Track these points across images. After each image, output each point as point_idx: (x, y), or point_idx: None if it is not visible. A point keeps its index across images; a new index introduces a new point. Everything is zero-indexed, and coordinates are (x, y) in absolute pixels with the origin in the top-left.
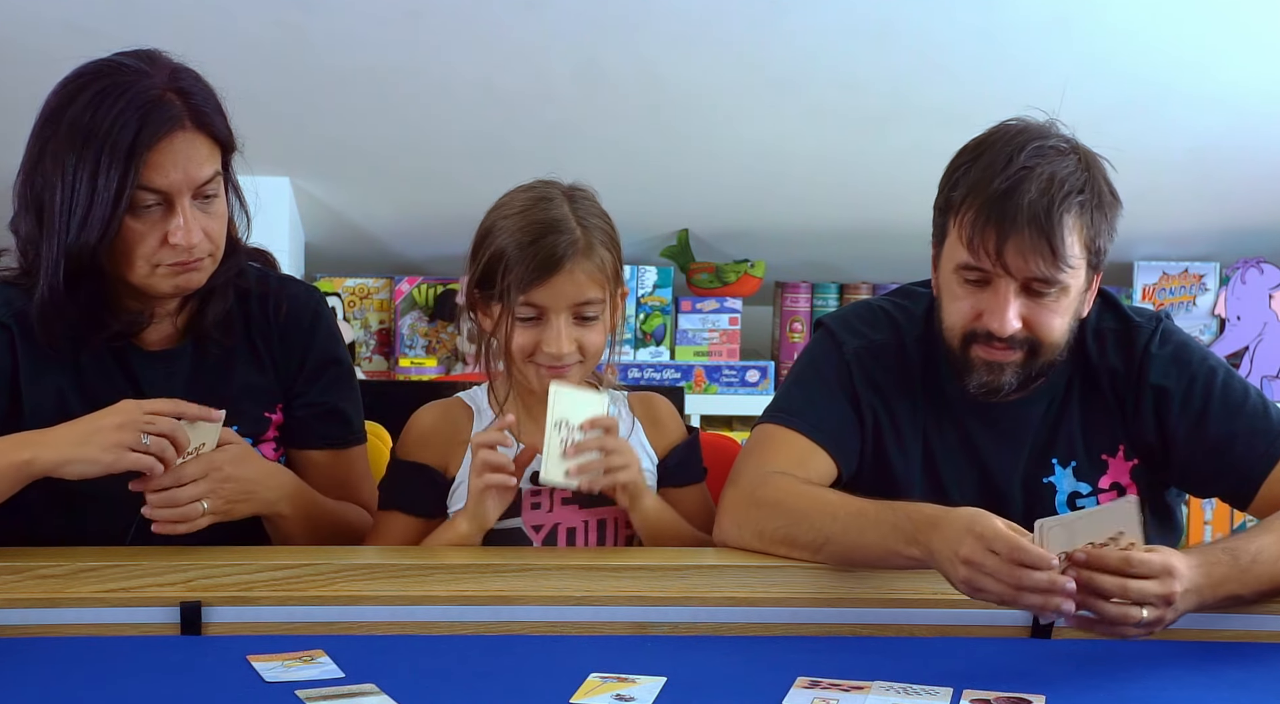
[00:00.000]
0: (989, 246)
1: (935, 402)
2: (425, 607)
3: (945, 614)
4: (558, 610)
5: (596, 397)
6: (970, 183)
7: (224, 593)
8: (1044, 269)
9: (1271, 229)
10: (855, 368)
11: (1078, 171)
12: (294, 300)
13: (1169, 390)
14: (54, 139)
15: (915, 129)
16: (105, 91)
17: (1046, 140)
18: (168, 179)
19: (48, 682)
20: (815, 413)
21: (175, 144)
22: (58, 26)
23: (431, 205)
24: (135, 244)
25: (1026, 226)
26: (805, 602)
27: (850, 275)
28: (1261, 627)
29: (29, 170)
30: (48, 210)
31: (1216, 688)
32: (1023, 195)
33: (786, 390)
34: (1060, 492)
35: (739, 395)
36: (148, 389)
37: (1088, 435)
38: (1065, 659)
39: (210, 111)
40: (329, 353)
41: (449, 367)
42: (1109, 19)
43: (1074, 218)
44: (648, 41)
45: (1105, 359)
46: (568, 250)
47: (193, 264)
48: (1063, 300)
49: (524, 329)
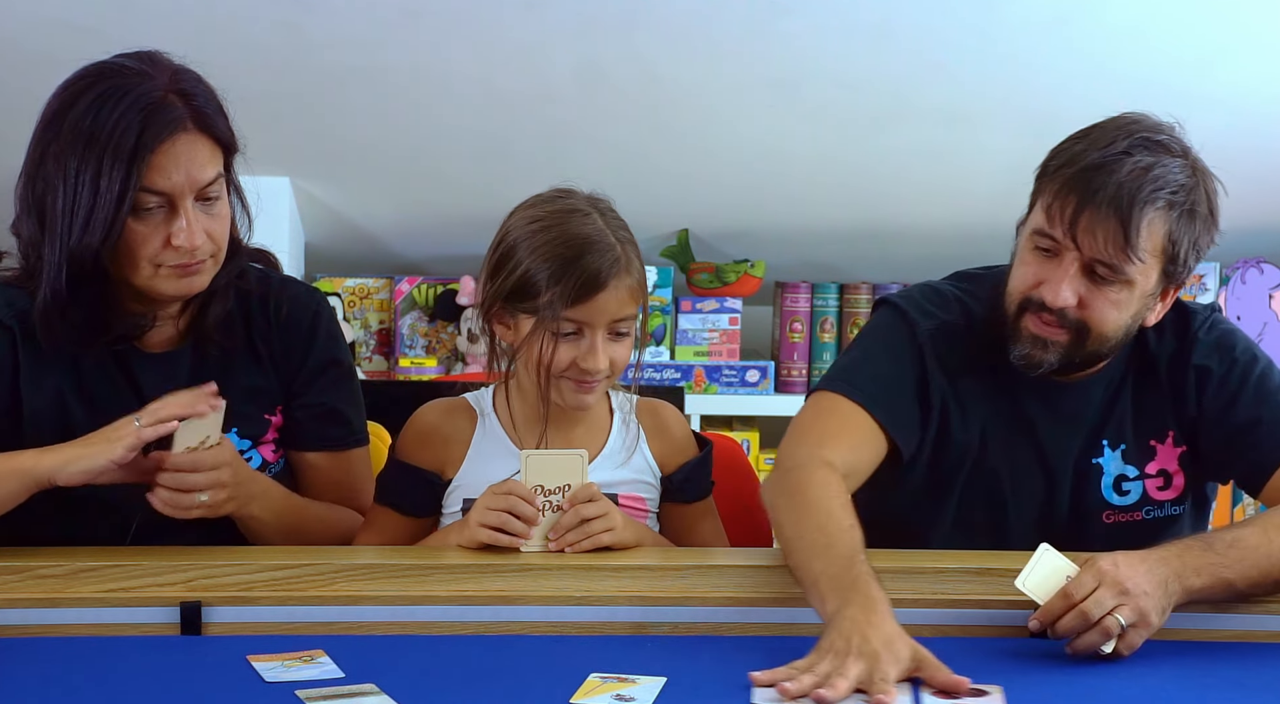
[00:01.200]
0: (1065, 214)
1: (999, 380)
2: (425, 607)
3: (943, 614)
4: (558, 610)
5: (571, 457)
6: (1070, 154)
7: (224, 593)
8: (1112, 253)
9: (1271, 229)
10: (928, 349)
11: (1180, 174)
12: (294, 301)
13: (1210, 370)
14: (56, 142)
15: (915, 129)
16: (106, 94)
17: (1158, 135)
18: (170, 181)
19: (48, 682)
20: (883, 392)
21: (178, 146)
22: (58, 26)
23: (431, 205)
24: (138, 246)
25: (1106, 204)
26: (804, 602)
27: (850, 275)
28: (1261, 627)
29: (30, 173)
30: (50, 213)
31: (1216, 688)
32: (1112, 174)
33: (853, 363)
34: (1107, 473)
35: (739, 395)
36: (148, 391)
37: (1139, 420)
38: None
39: (212, 113)
40: (329, 354)
41: (449, 367)
42: (1108, 19)
43: (1158, 213)
44: (648, 41)
45: (1162, 344)
46: (611, 269)
47: (195, 266)
48: (1125, 293)
49: (562, 345)
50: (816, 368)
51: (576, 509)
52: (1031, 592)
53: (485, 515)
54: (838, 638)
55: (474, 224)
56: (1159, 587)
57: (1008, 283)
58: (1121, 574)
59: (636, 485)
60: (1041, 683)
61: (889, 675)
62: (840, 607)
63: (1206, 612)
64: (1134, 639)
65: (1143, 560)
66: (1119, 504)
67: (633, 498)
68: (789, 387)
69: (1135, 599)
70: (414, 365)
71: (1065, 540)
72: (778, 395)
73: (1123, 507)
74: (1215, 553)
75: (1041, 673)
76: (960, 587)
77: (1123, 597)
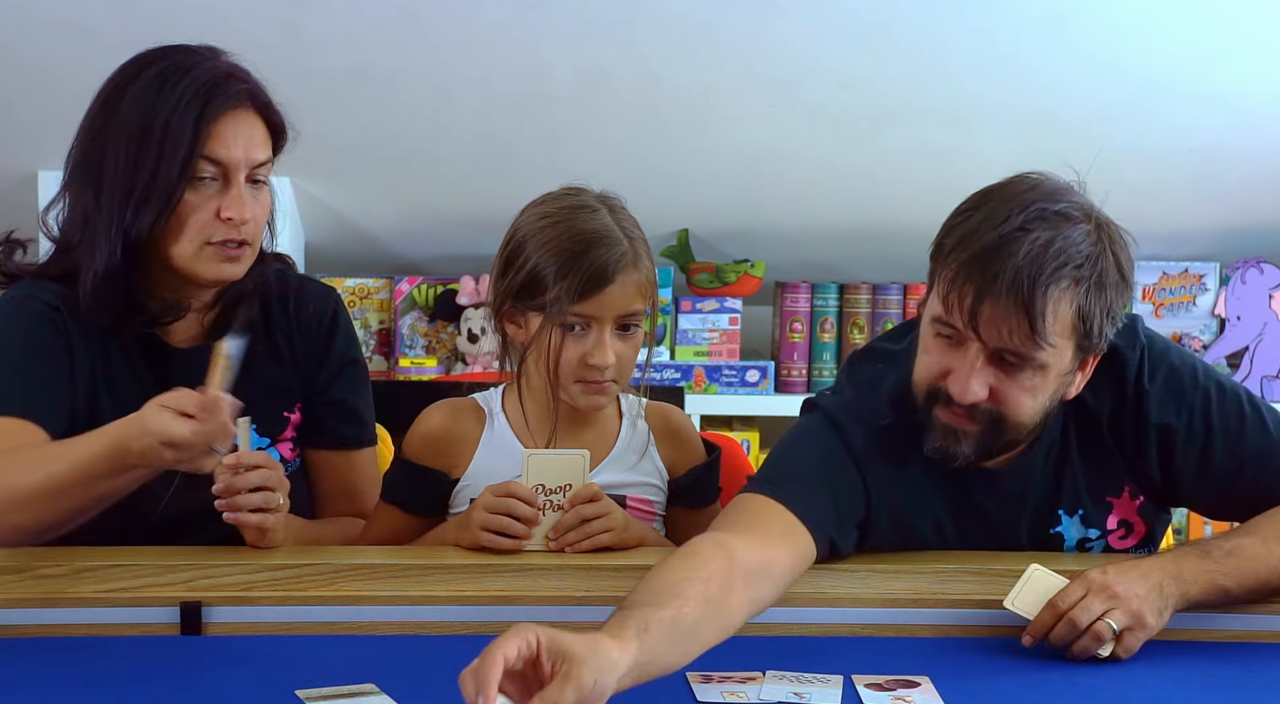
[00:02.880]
0: (964, 306)
1: (938, 470)
2: (425, 607)
3: (943, 614)
4: (558, 610)
5: (573, 457)
6: (963, 233)
7: (224, 593)
8: (1018, 342)
9: (1271, 229)
10: (865, 461)
11: (1083, 243)
12: (314, 300)
13: (1172, 428)
14: (117, 113)
15: (915, 129)
16: (170, 68)
17: (1056, 203)
18: (229, 152)
19: (48, 682)
20: (811, 496)
21: (239, 119)
22: (58, 26)
23: (431, 205)
24: (187, 217)
25: (1005, 293)
26: (805, 602)
27: (850, 275)
28: (1261, 627)
29: (87, 148)
30: (108, 185)
31: (1216, 688)
32: (1009, 258)
33: (784, 465)
34: (1069, 540)
35: (739, 395)
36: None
37: (1092, 482)
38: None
39: (268, 99)
40: (349, 353)
41: (449, 367)
42: (1108, 19)
43: (1063, 293)
44: (648, 41)
45: (1100, 399)
46: (618, 262)
47: (236, 250)
48: (1038, 378)
49: (570, 341)
50: (816, 368)
51: (577, 509)
52: (1021, 610)
53: (485, 518)
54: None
55: (474, 224)
56: (1153, 590)
57: (913, 368)
58: (1110, 580)
59: (645, 488)
60: (1041, 683)
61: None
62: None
63: (1206, 612)
64: (1131, 642)
65: (1135, 566)
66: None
67: (640, 500)
68: (789, 387)
69: (1126, 602)
70: (414, 365)
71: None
72: (778, 395)
73: None
74: (1212, 560)
75: (1041, 673)
76: (960, 587)
77: (1112, 601)
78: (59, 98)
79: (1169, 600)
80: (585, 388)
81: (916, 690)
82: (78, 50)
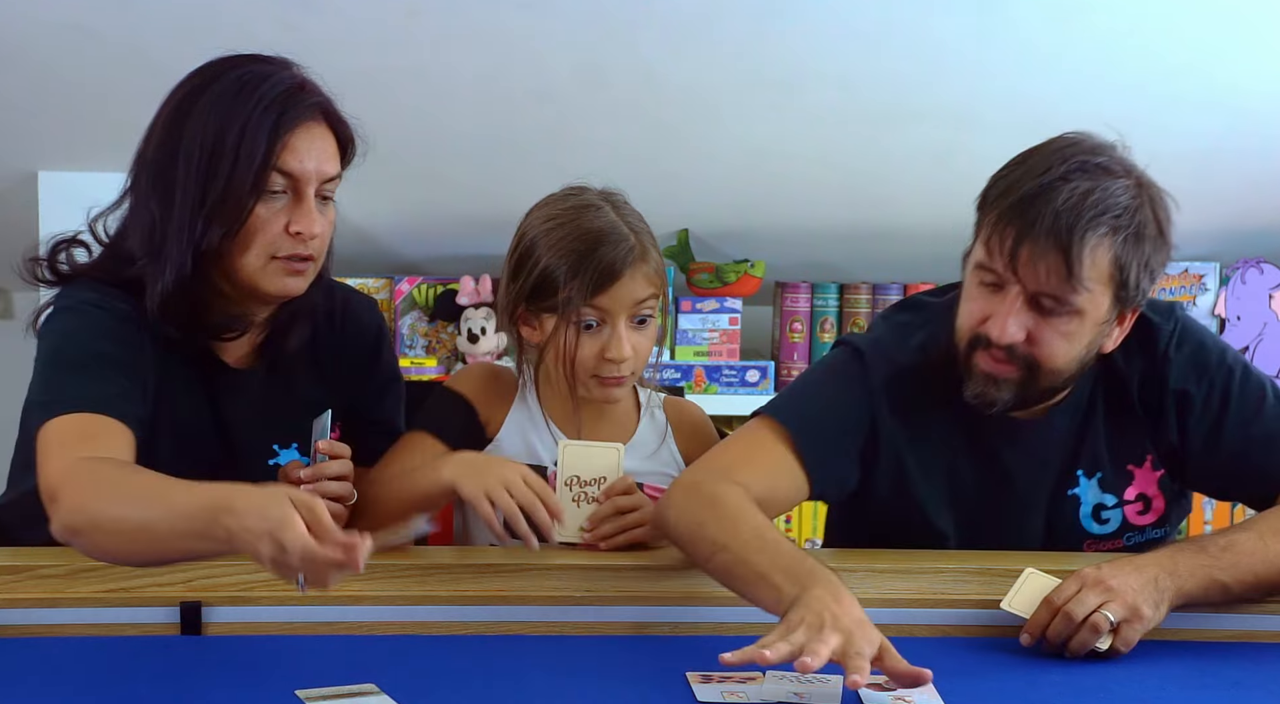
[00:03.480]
0: (1004, 248)
1: (961, 418)
2: (425, 607)
3: (943, 614)
4: (558, 610)
5: (607, 449)
6: (1007, 183)
7: (224, 593)
8: (1055, 284)
9: (1271, 229)
10: (880, 398)
11: (1123, 195)
12: (359, 317)
13: (1190, 395)
14: (188, 120)
15: (915, 129)
16: (245, 78)
17: (1097, 157)
18: (302, 165)
19: (48, 682)
20: (815, 430)
21: (312, 133)
22: (58, 26)
23: (431, 205)
24: (256, 230)
25: (1044, 236)
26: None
27: (850, 275)
28: (1261, 627)
29: (155, 157)
30: (179, 196)
31: (1216, 688)
32: (1049, 203)
33: (797, 395)
34: (1084, 503)
35: (739, 395)
36: (223, 404)
37: (1114, 446)
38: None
39: (339, 113)
40: (392, 370)
41: (449, 367)
42: (1109, 20)
43: (1101, 240)
44: (648, 41)
45: (1130, 364)
46: (626, 257)
47: (301, 264)
48: (1074, 324)
49: (586, 338)
50: None
51: (613, 501)
52: (1018, 610)
53: (519, 487)
54: (809, 613)
55: (474, 224)
56: (1147, 583)
57: (957, 317)
58: (1104, 574)
59: (661, 478)
60: (1042, 682)
61: (864, 652)
62: (805, 590)
63: (1206, 612)
64: (1129, 635)
65: (1129, 561)
66: (1099, 533)
67: (657, 489)
68: None
69: (1121, 595)
70: (414, 365)
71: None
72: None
73: (1103, 535)
74: (1209, 555)
75: (1042, 673)
76: (960, 587)
77: (1107, 594)
78: (59, 98)
79: (1165, 593)
80: (601, 382)
81: (917, 690)
82: (78, 50)
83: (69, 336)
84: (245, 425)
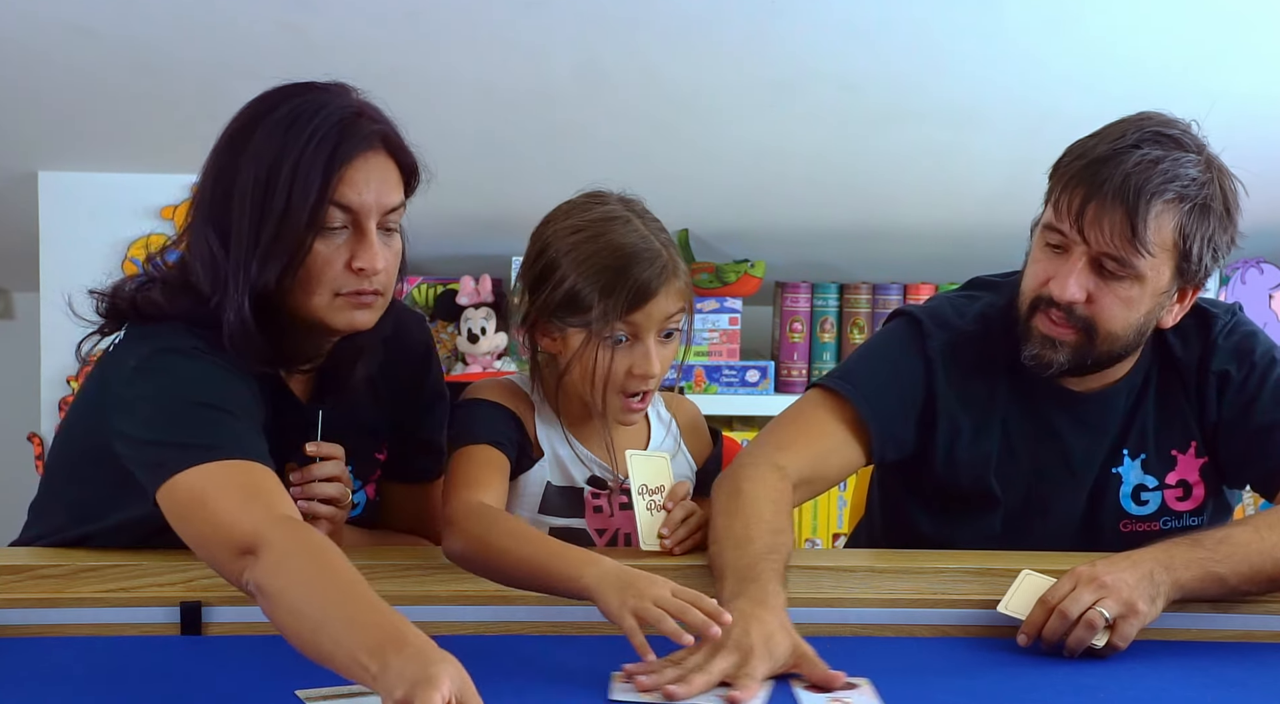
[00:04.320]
0: (1072, 207)
1: (1018, 388)
2: (425, 607)
3: (943, 614)
4: (558, 610)
5: (660, 458)
6: (1081, 149)
7: (224, 593)
8: (1118, 245)
9: (1271, 229)
10: (939, 364)
11: (1192, 169)
12: (410, 334)
13: (1229, 375)
14: (244, 154)
15: (915, 129)
16: (301, 108)
17: (1170, 129)
18: (361, 198)
19: (48, 682)
20: (876, 394)
21: (370, 163)
22: (58, 26)
23: (431, 205)
24: (319, 270)
25: (1112, 196)
26: (804, 602)
27: (850, 275)
28: (1261, 627)
29: (213, 191)
30: (235, 233)
31: (1216, 688)
32: (1119, 166)
33: (853, 364)
34: (1126, 483)
35: (739, 395)
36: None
37: (1160, 429)
38: (1051, 656)
39: (401, 141)
40: (439, 388)
41: (449, 367)
42: (1109, 19)
43: (1166, 206)
44: (648, 41)
45: (1187, 350)
46: (660, 275)
47: (369, 297)
48: (1135, 290)
49: (617, 354)
50: (816, 368)
51: (682, 505)
52: (1014, 612)
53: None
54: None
55: (474, 224)
56: (1143, 578)
57: (1022, 281)
58: (1098, 571)
59: (680, 477)
60: (1042, 683)
61: (755, 672)
62: (732, 597)
63: (1206, 611)
64: (1126, 630)
65: (1124, 557)
66: (1137, 514)
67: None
68: (789, 387)
69: (1116, 591)
70: None
71: (1080, 549)
72: (778, 395)
73: (1140, 516)
74: (1204, 548)
75: (1041, 673)
76: (960, 587)
77: (1101, 591)
78: (59, 98)
79: (1160, 587)
80: (626, 404)
81: (855, 692)
82: (78, 50)
83: (191, 382)
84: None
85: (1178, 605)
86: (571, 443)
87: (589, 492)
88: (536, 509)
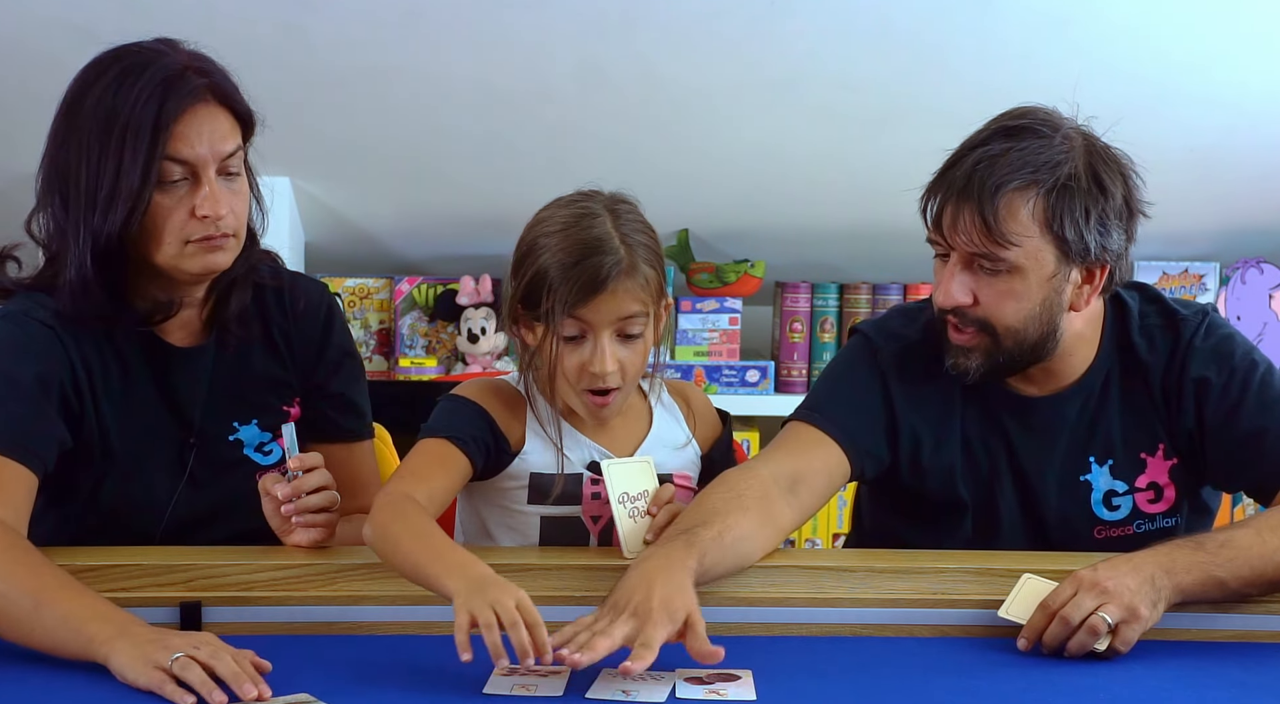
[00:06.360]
0: (932, 215)
1: (972, 398)
2: (424, 607)
3: (943, 614)
4: (557, 610)
5: (643, 463)
6: (944, 160)
7: (224, 593)
8: (979, 242)
9: (1271, 229)
10: (891, 372)
11: (1044, 151)
12: (309, 295)
13: (1209, 381)
14: (78, 120)
15: (915, 129)
16: (127, 70)
17: (1021, 121)
18: (194, 150)
19: (48, 681)
20: (844, 415)
21: (199, 116)
22: (58, 26)
23: (431, 205)
24: (163, 220)
25: (959, 195)
26: (804, 602)
27: (850, 275)
28: (1261, 627)
29: (53, 155)
30: (74, 192)
31: (1216, 688)
32: (963, 165)
33: (818, 390)
34: (1096, 489)
35: (739, 395)
36: (176, 384)
37: (1127, 433)
38: (1051, 657)
39: (230, 88)
40: (345, 346)
41: (449, 366)
42: (1109, 19)
43: (1016, 195)
44: (648, 41)
45: (1153, 353)
46: (611, 271)
47: (219, 240)
48: (1016, 282)
49: (570, 350)
50: (816, 368)
51: (666, 509)
52: (1015, 616)
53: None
54: (620, 591)
55: (474, 224)
56: (1144, 582)
57: None
58: (1100, 576)
59: (686, 465)
60: (1041, 683)
61: (653, 640)
62: (649, 554)
63: (1206, 612)
64: (1128, 635)
65: (1126, 560)
66: (1109, 519)
67: (683, 477)
68: (789, 387)
69: (1118, 596)
70: (414, 365)
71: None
72: (778, 395)
73: (1113, 521)
74: (1205, 552)
75: (1041, 673)
76: (960, 587)
77: (1103, 596)
78: (59, 98)
79: (1161, 592)
80: (589, 400)
81: (734, 684)
82: (77, 50)
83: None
84: (200, 404)
85: (1177, 606)
86: (564, 430)
87: (589, 477)
88: (525, 502)
